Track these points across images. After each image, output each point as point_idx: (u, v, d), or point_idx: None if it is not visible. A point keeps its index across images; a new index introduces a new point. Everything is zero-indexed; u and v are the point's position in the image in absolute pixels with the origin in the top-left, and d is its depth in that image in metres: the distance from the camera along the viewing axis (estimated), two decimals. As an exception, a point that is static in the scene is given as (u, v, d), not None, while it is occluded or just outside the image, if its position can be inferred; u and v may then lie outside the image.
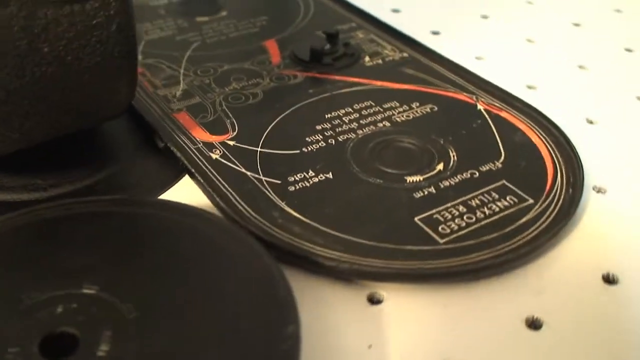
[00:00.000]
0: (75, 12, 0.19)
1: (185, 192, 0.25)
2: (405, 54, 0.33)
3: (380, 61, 0.32)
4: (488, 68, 0.33)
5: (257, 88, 0.30)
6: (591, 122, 0.29)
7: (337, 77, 0.31)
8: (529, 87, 0.32)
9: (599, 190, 0.25)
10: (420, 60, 0.32)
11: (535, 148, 0.26)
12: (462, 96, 0.30)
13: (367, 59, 0.32)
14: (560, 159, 0.26)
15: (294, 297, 0.18)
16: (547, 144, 0.27)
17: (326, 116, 0.28)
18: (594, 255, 0.22)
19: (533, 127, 0.28)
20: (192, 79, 0.31)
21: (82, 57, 0.20)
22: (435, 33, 0.37)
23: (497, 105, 0.29)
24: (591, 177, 0.26)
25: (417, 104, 0.29)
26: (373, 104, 0.29)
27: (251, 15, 0.36)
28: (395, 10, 0.39)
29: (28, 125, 0.21)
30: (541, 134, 0.27)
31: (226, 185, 0.24)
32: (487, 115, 0.28)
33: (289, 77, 0.31)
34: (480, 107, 0.29)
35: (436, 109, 0.29)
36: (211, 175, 0.25)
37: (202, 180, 0.24)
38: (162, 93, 0.30)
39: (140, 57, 0.32)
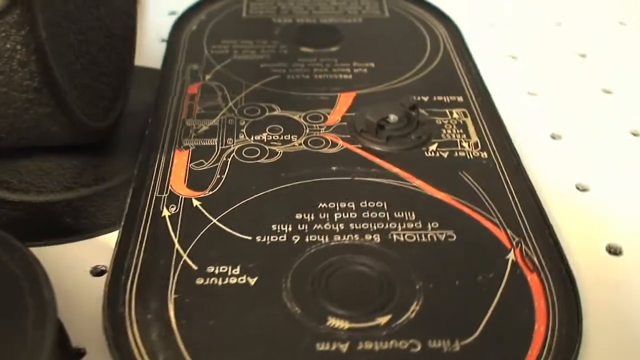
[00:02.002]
0: (-27, 39, 0.18)
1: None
2: (484, 154, 0.26)
3: (446, 154, 0.26)
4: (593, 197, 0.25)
5: (283, 146, 0.26)
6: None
7: (378, 160, 0.26)
8: (611, 251, 0.23)
9: None
10: (496, 167, 0.26)
11: (529, 342, 0.19)
12: (502, 234, 0.23)
13: (432, 147, 0.26)
14: (545, 372, 0.18)
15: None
16: (546, 339, 0.19)
17: (319, 205, 0.24)
18: None
19: (551, 309, 0.20)
20: (230, 117, 0.28)
21: (-14, 85, 0.19)
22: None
23: (536, 262, 0.22)
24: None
25: (436, 225, 0.23)
26: (386, 207, 0.24)
27: (361, 57, 0.32)
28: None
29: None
30: (552, 321, 0.20)
31: (141, 252, 0.22)
32: (509, 271, 0.21)
33: (327, 143, 0.26)
34: (511, 256, 0.22)
35: (454, 238, 0.22)
36: (139, 235, 0.22)
37: (119, 238, 0.22)
38: (190, 124, 0.27)
39: (209, 76, 0.30)
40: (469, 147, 0.27)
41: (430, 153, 0.26)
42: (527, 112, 0.30)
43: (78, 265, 0.23)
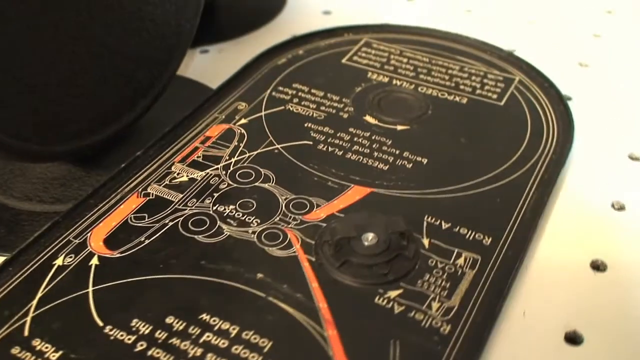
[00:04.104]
0: None
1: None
2: (445, 329, 0.20)
3: (399, 309, 0.20)
4: None
5: (235, 228, 0.23)
6: None
7: (314, 285, 0.21)
8: None
9: None
10: (442, 354, 0.19)
11: None
12: None
13: (393, 293, 0.21)
14: None
15: None
16: None
17: (202, 315, 0.20)
18: None
19: None
20: (217, 175, 0.25)
21: None
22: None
23: None
24: None
25: (298, 400, 0.18)
26: (266, 350, 0.19)
27: (420, 147, 0.27)
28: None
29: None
30: None
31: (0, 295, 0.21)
32: None
33: (281, 242, 0.22)
34: None
35: None
36: (15, 276, 0.21)
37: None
38: (175, 169, 0.25)
39: (244, 121, 0.28)
40: (437, 311, 0.20)
41: (383, 301, 0.21)
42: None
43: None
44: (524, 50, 0.34)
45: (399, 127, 0.28)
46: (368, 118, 0.28)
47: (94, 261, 0.22)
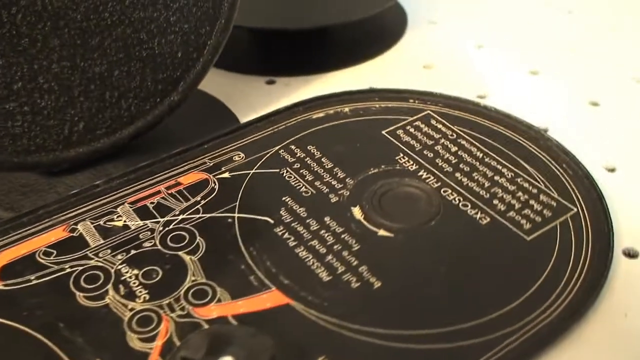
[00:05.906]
0: None
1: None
2: None
3: None
4: None
5: (118, 298, 0.21)
6: None
7: (140, 397, 0.18)
8: None
9: None
10: None
11: None
12: None
13: None
14: None
15: None
16: None
17: (12, 386, 0.19)
18: None
19: None
20: (152, 229, 0.23)
21: None
22: None
23: None
24: None
25: None
26: None
27: (387, 266, 0.22)
28: None
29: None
30: None
31: None
32: None
33: (148, 333, 0.20)
34: None
35: None
36: None
37: None
38: (120, 211, 0.24)
39: (227, 175, 0.25)
40: None
41: None
42: None
43: None
44: (624, 173, 0.27)
45: (381, 232, 0.23)
46: (356, 210, 0.24)
47: (-15, 287, 0.21)
